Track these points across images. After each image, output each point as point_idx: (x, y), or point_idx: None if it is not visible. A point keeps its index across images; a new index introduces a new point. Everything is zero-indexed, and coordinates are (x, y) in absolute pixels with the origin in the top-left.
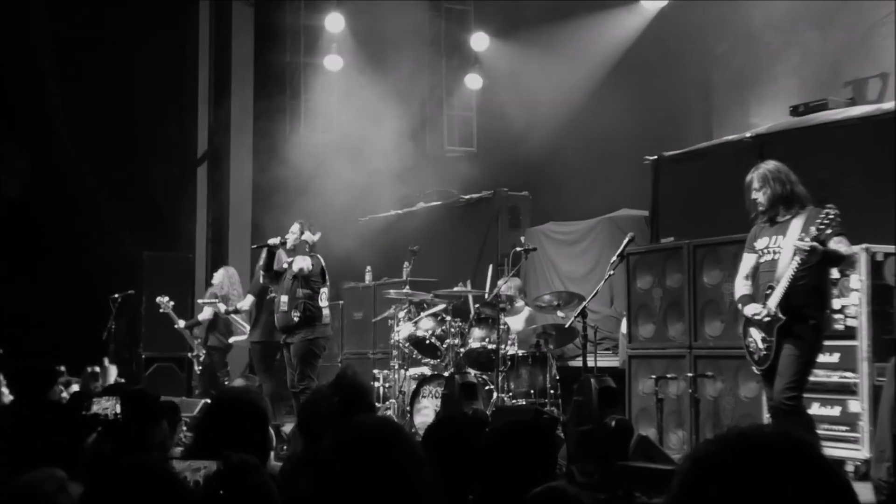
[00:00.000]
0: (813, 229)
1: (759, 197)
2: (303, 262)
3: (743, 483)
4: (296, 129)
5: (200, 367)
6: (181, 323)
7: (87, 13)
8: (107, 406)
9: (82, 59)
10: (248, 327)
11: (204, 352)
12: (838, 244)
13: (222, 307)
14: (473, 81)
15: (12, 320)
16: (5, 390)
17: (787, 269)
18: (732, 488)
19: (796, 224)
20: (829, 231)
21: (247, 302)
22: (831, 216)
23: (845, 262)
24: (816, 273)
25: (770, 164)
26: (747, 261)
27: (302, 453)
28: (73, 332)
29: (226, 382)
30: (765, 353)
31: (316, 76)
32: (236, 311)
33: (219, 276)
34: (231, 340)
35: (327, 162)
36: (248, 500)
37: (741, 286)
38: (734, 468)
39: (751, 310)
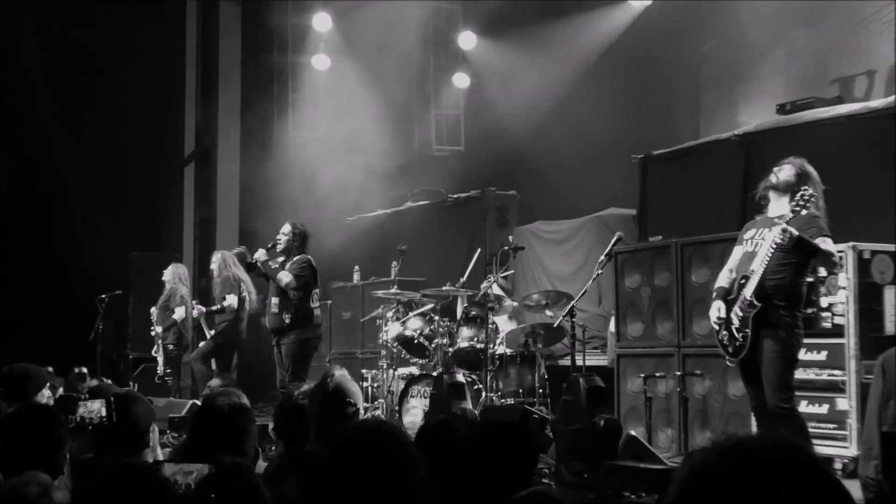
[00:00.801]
0: (787, 212)
1: (781, 173)
2: (286, 279)
3: (739, 491)
4: (284, 129)
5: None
6: (159, 329)
7: (74, 12)
8: (93, 409)
9: (69, 58)
10: (210, 332)
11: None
12: (821, 244)
13: (202, 308)
14: (461, 80)
15: None
16: None
17: (762, 258)
18: (729, 496)
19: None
20: (804, 212)
21: (233, 299)
22: (806, 196)
23: (822, 258)
24: (794, 270)
25: (808, 165)
26: (735, 253)
27: (285, 455)
28: (60, 332)
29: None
30: (740, 342)
31: (303, 75)
32: (221, 310)
33: (168, 275)
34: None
35: (315, 161)
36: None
37: (722, 277)
38: (730, 476)
39: (713, 312)
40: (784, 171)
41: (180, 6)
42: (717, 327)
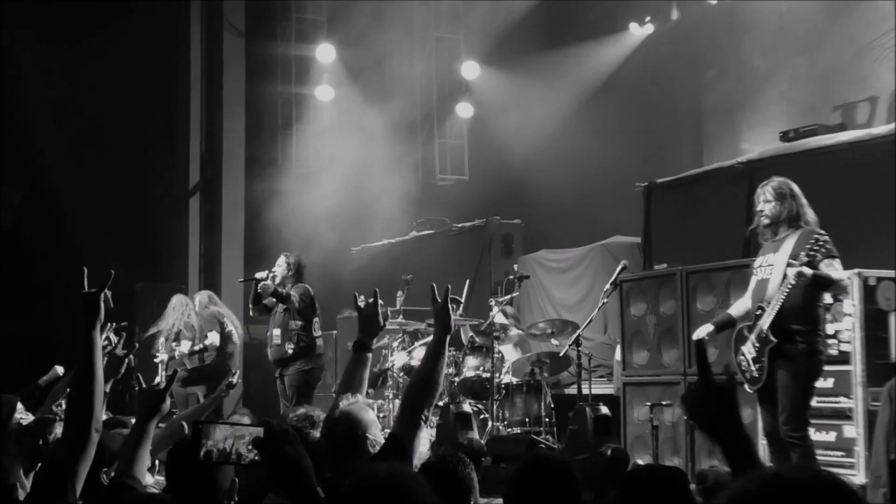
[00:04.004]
0: (803, 255)
1: (766, 209)
2: (213, 338)
3: None
4: (288, 159)
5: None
6: (164, 356)
7: (79, 44)
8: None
9: (73, 89)
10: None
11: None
12: (828, 267)
13: (184, 350)
14: (464, 110)
15: (2, 351)
16: None
17: (776, 290)
18: None
19: (788, 243)
20: (818, 256)
21: (215, 337)
22: (821, 241)
23: (836, 287)
24: (807, 296)
25: (784, 180)
26: (751, 283)
27: None
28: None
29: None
30: (756, 374)
31: (307, 106)
32: (204, 349)
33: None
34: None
35: (319, 192)
36: (283, 468)
37: (735, 305)
38: None
39: (698, 332)
40: (768, 207)
41: (184, 38)
42: (697, 337)
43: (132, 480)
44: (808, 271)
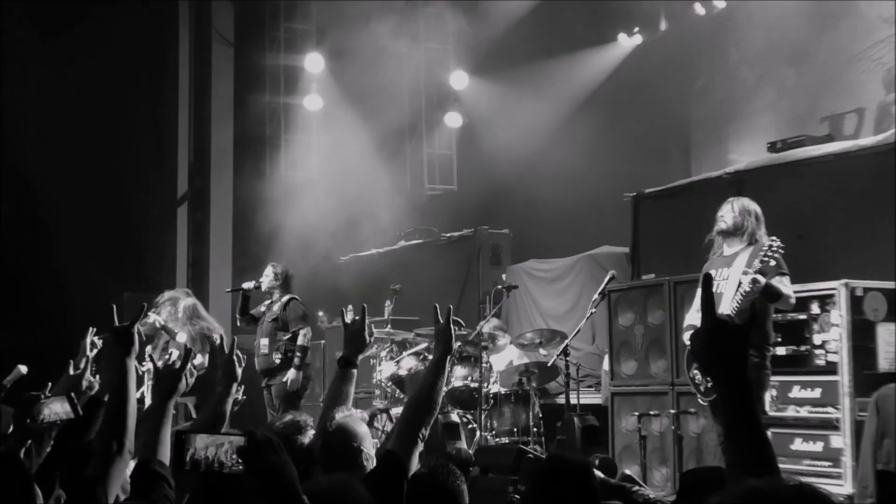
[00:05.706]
0: (757, 262)
1: (728, 217)
2: (200, 360)
3: None
4: (276, 169)
5: None
6: (149, 366)
7: (68, 53)
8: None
9: (61, 98)
10: None
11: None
12: (779, 283)
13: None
14: (453, 120)
15: None
16: None
17: (730, 302)
18: None
19: (742, 257)
20: (772, 263)
21: (203, 359)
22: (774, 248)
23: (783, 301)
24: (759, 309)
25: (751, 201)
26: (699, 295)
27: None
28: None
29: None
30: (710, 386)
31: (296, 116)
32: (191, 371)
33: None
34: None
35: (307, 201)
36: (269, 477)
37: (692, 317)
38: None
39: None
40: (730, 216)
41: (173, 48)
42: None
43: (160, 467)
44: (761, 279)
